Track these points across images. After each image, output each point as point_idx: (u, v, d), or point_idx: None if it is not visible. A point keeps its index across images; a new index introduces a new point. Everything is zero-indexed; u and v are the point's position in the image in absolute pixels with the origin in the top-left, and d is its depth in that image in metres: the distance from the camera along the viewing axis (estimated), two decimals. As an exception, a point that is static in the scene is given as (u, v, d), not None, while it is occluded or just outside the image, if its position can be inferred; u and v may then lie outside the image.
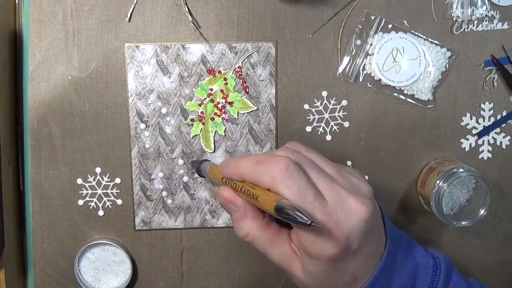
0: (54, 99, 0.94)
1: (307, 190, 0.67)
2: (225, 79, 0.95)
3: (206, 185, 0.98)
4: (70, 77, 0.94)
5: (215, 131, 0.96)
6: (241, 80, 0.95)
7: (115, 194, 0.97)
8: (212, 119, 0.95)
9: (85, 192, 0.97)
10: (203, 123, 0.96)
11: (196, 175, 0.96)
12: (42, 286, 0.98)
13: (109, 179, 0.97)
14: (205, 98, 0.95)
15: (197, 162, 0.91)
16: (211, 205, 0.98)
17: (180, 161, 0.96)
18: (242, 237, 0.75)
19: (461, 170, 0.92)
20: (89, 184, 0.96)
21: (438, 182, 0.92)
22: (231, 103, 0.95)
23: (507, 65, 0.97)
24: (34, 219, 0.97)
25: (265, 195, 0.68)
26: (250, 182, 0.71)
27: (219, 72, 0.95)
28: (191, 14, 0.93)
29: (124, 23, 0.93)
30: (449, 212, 0.95)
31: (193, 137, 0.96)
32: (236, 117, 0.96)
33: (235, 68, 0.95)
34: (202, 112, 0.95)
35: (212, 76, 0.94)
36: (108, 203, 0.97)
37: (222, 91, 0.95)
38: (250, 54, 0.94)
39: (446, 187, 0.91)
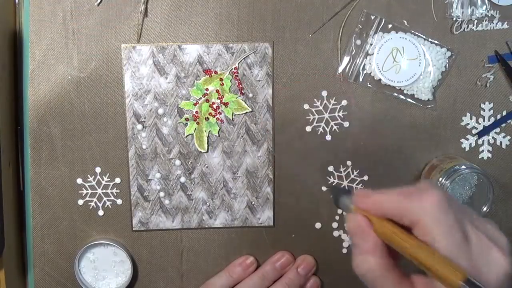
0: (54, 99, 0.94)
1: (457, 230, 0.63)
2: (221, 79, 0.94)
3: (203, 186, 0.98)
4: (70, 77, 0.94)
5: (209, 131, 0.96)
6: (237, 81, 0.95)
7: (115, 194, 0.97)
8: (207, 119, 0.95)
9: (85, 192, 0.97)
10: (198, 123, 0.95)
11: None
12: (42, 286, 0.99)
13: (109, 179, 0.97)
14: (200, 98, 0.95)
15: (338, 192, 0.78)
16: (208, 206, 0.98)
17: (177, 162, 0.96)
18: (362, 271, 0.69)
19: (463, 167, 0.92)
20: (89, 184, 0.97)
21: (440, 179, 0.92)
22: (226, 104, 0.95)
23: (511, 61, 0.97)
24: (34, 219, 0.97)
25: (433, 259, 0.62)
26: (393, 216, 0.67)
27: (215, 72, 0.95)
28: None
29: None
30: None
31: (186, 136, 0.96)
32: (231, 118, 0.96)
33: (231, 69, 0.95)
34: (196, 112, 0.95)
35: (208, 76, 0.95)
36: (108, 203, 0.97)
37: (217, 91, 0.95)
38: (247, 56, 0.94)
39: (448, 184, 0.91)
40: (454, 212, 0.64)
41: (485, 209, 0.93)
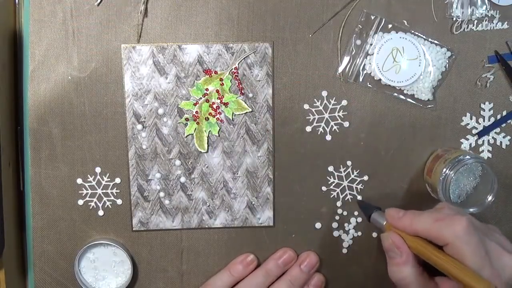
0: (54, 99, 0.94)
1: (481, 247, 0.77)
2: (221, 79, 0.94)
3: (203, 186, 0.98)
4: (70, 77, 0.94)
5: (209, 131, 0.96)
6: (237, 81, 0.95)
7: (115, 194, 0.97)
8: (207, 119, 0.95)
9: (85, 192, 0.97)
10: (198, 123, 0.95)
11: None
12: (42, 286, 0.99)
13: (109, 179, 0.97)
14: (200, 98, 0.95)
15: (367, 208, 0.93)
16: (208, 206, 0.98)
17: (177, 162, 0.96)
18: (398, 279, 0.83)
19: (467, 157, 0.91)
20: (89, 184, 0.97)
21: (444, 170, 0.92)
22: (226, 104, 0.95)
23: (511, 61, 0.97)
24: (34, 219, 0.97)
25: (463, 269, 0.76)
26: (425, 236, 0.81)
27: (215, 72, 0.95)
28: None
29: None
30: (456, 200, 0.95)
31: (187, 136, 0.96)
32: (231, 118, 0.96)
33: (231, 69, 0.95)
34: (196, 112, 0.95)
35: (208, 76, 0.95)
36: (108, 203, 0.97)
37: (217, 91, 0.95)
38: (247, 56, 0.94)
39: (453, 175, 0.91)
40: (477, 233, 0.78)
41: (490, 198, 0.92)
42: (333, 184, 0.99)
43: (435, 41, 0.95)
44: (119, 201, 0.97)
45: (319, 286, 1.00)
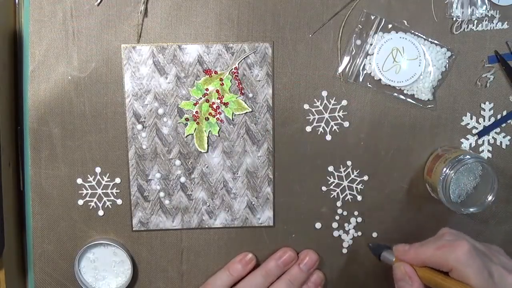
0: (54, 99, 0.94)
1: (484, 269, 0.80)
2: (221, 79, 0.94)
3: (203, 186, 0.98)
4: (70, 77, 0.94)
5: (209, 131, 0.96)
6: (237, 81, 0.95)
7: (115, 194, 0.97)
8: (207, 119, 0.95)
9: (85, 192, 0.97)
10: (198, 123, 0.95)
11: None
12: (42, 286, 0.99)
13: (109, 179, 0.97)
14: (200, 98, 0.95)
15: (377, 249, 0.93)
16: (208, 206, 0.98)
17: (177, 162, 0.96)
18: None
19: (467, 156, 0.91)
20: (89, 184, 0.97)
21: (445, 169, 0.92)
22: (226, 104, 0.95)
23: (511, 61, 0.97)
24: (34, 219, 0.97)
25: None
26: (431, 265, 0.84)
27: (215, 72, 0.94)
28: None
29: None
30: (456, 200, 0.95)
31: (187, 136, 0.96)
32: (231, 118, 0.96)
33: (231, 69, 0.95)
34: (197, 112, 0.95)
35: (208, 76, 0.94)
36: (108, 203, 0.97)
37: (217, 91, 0.95)
38: (247, 56, 0.94)
39: (453, 174, 0.91)
40: (479, 256, 0.80)
41: (490, 198, 0.92)
42: (333, 184, 0.99)
43: (435, 41, 0.95)
44: (119, 201, 0.97)
45: (318, 283, 1.00)
